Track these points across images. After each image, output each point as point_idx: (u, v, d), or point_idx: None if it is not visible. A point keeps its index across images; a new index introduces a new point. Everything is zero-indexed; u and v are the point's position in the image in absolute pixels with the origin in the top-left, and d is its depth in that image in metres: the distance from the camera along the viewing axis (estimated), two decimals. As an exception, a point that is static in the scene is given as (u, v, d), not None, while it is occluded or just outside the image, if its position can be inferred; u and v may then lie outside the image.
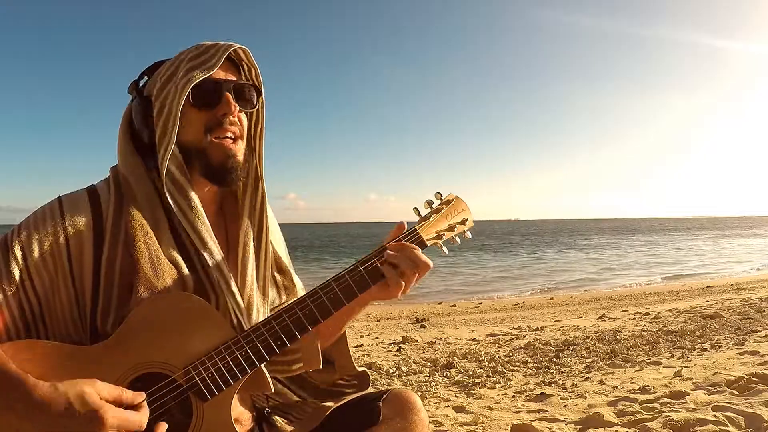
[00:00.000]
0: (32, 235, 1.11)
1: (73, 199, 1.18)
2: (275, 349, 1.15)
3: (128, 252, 1.14)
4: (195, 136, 1.22)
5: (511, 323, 7.41)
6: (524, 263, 24.76)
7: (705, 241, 41.45)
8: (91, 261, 1.13)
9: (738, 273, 17.43)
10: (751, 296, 8.77)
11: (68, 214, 1.14)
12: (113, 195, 1.19)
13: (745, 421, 2.59)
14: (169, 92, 1.20)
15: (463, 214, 1.32)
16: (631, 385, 3.55)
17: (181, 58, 1.23)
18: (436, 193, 1.32)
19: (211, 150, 1.22)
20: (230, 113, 1.22)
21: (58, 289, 1.12)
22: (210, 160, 1.22)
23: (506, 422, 2.87)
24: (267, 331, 1.15)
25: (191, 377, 1.10)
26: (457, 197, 1.33)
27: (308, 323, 1.16)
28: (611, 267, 21.69)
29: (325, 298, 1.17)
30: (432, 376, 4.14)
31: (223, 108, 1.22)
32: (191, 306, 1.13)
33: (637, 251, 31.88)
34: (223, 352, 1.12)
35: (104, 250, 1.14)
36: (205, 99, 1.21)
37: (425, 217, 1.29)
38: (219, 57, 1.21)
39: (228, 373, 1.11)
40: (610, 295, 11.56)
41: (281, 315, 1.16)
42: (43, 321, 1.12)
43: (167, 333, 1.11)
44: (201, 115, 1.22)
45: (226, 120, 1.22)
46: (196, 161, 1.22)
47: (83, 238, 1.14)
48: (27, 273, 1.09)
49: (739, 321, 6.06)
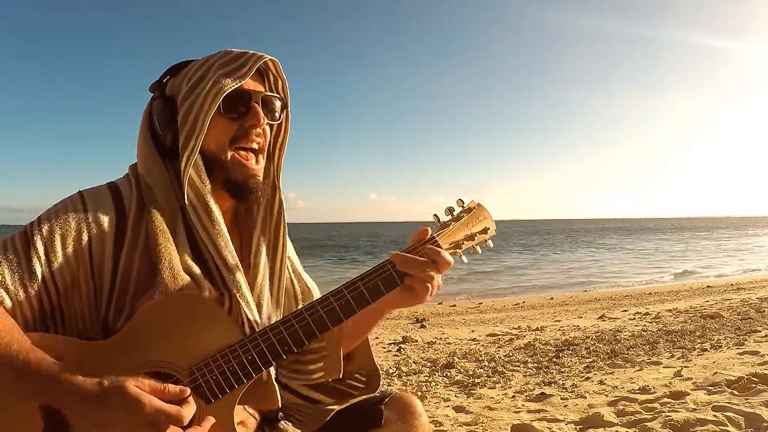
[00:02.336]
0: (54, 229, 1.10)
1: (96, 195, 1.17)
2: (282, 354, 1.13)
3: (148, 257, 1.13)
4: (218, 145, 1.20)
5: (511, 323, 7.41)
6: (582, 264, 24.15)
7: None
8: (111, 260, 1.13)
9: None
10: (751, 296, 8.77)
11: (91, 210, 1.13)
12: (135, 196, 1.18)
13: (745, 421, 2.59)
14: (198, 97, 1.18)
15: (485, 222, 1.28)
16: (631, 385, 3.55)
17: (210, 63, 1.21)
18: (457, 200, 1.29)
19: (233, 166, 1.21)
20: (258, 125, 1.21)
21: (78, 284, 1.11)
22: (231, 175, 1.21)
23: (506, 422, 2.87)
24: (274, 335, 1.13)
25: (195, 378, 1.09)
26: (479, 205, 1.29)
27: (317, 329, 1.14)
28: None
29: (336, 304, 1.15)
30: (432, 376, 4.14)
31: (251, 119, 1.21)
32: (199, 307, 1.12)
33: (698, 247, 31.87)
34: (229, 354, 1.10)
35: (123, 252, 1.13)
36: (234, 109, 1.20)
37: (445, 224, 1.26)
38: (251, 66, 1.19)
39: (232, 377, 1.10)
40: (610, 295, 11.56)
41: (290, 320, 1.14)
42: (61, 314, 1.12)
43: (173, 333, 1.10)
44: (228, 124, 1.20)
45: (253, 132, 1.21)
46: (219, 172, 1.21)
47: (105, 236, 1.13)
48: (48, 268, 1.08)
49: (739, 321, 6.06)
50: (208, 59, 1.22)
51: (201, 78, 1.19)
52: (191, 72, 1.22)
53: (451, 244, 1.24)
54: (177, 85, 1.22)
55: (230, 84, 1.16)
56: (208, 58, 1.23)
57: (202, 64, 1.22)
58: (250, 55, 1.21)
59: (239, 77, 1.18)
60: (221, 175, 1.20)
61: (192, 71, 1.22)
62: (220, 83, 1.17)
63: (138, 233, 1.15)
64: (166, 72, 1.25)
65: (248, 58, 1.20)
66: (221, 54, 1.22)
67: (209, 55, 1.24)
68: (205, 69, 1.20)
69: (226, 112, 1.19)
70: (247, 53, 1.22)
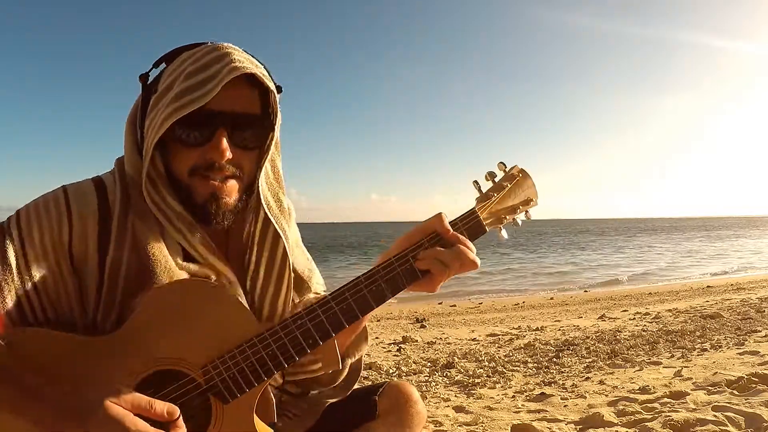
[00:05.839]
0: (32, 224, 1.03)
1: (79, 190, 1.08)
2: (306, 348, 1.03)
3: (137, 255, 1.06)
4: (178, 174, 1.08)
5: (511, 323, 7.40)
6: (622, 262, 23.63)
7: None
8: (96, 257, 1.06)
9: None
10: (751, 296, 8.76)
11: (74, 205, 1.06)
12: (119, 190, 1.09)
13: (745, 421, 2.59)
14: (157, 113, 1.04)
15: (528, 191, 1.16)
16: (631, 385, 3.55)
17: (183, 67, 1.06)
18: (499, 163, 1.16)
19: (194, 186, 1.07)
20: (220, 159, 1.05)
21: (62, 281, 1.05)
22: (193, 198, 1.08)
23: (506, 422, 2.87)
24: (297, 327, 1.03)
25: (211, 377, 1.00)
26: (523, 171, 1.17)
27: (345, 320, 1.05)
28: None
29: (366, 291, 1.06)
30: (432, 376, 4.13)
31: (211, 150, 1.05)
32: (211, 294, 1.02)
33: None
34: (247, 350, 1.01)
35: (110, 249, 1.06)
36: (191, 134, 1.04)
37: (486, 195, 1.14)
38: (216, 84, 1.01)
39: (252, 374, 1.01)
40: (610, 295, 11.55)
41: (315, 310, 1.05)
42: (48, 310, 1.05)
43: (184, 325, 1.00)
44: (187, 153, 1.06)
45: (215, 165, 1.06)
46: (182, 195, 1.09)
47: (88, 232, 1.05)
48: (25, 263, 1.02)
49: (739, 321, 6.06)
50: (190, 55, 1.07)
51: (170, 85, 1.05)
52: (170, 69, 1.08)
53: (491, 217, 1.14)
54: (159, 80, 1.10)
55: (183, 110, 1.00)
56: (191, 53, 1.08)
57: (183, 60, 1.07)
58: (220, 68, 1.02)
59: (201, 96, 1.00)
60: (184, 198, 1.09)
61: (171, 69, 1.08)
62: (176, 103, 1.01)
63: (124, 230, 1.07)
64: (161, 58, 1.12)
65: (218, 71, 1.02)
66: (194, 56, 1.06)
67: (186, 51, 1.09)
68: (179, 72, 1.06)
69: (184, 136, 1.04)
70: (221, 62, 1.03)
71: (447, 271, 1.07)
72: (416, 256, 1.08)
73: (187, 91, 1.01)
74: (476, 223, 1.12)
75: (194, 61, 1.05)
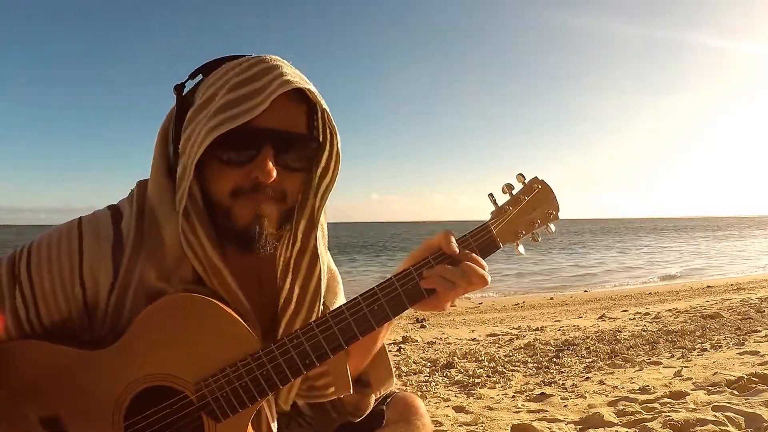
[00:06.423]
0: (42, 271, 0.99)
1: (95, 226, 1.03)
2: (302, 368, 0.99)
3: (143, 293, 1.00)
4: (218, 195, 1.00)
5: (511, 323, 7.40)
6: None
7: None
8: (107, 294, 1.01)
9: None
10: (751, 296, 8.76)
11: (86, 246, 1.00)
12: (134, 222, 1.03)
13: (745, 421, 2.59)
14: (197, 125, 0.96)
15: (549, 204, 1.09)
16: (631, 385, 3.55)
17: (226, 78, 0.98)
18: (518, 175, 1.09)
19: (236, 209, 0.99)
20: (265, 179, 0.96)
21: (70, 322, 1.03)
22: (233, 222, 0.99)
23: (506, 422, 2.87)
24: (294, 347, 0.99)
25: (203, 395, 0.97)
26: (543, 183, 1.10)
27: (344, 340, 1.00)
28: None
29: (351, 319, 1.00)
30: (432, 376, 4.13)
31: (257, 170, 0.96)
32: (207, 310, 0.98)
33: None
34: (241, 369, 0.97)
35: (114, 292, 1.01)
36: (234, 152, 0.96)
37: (502, 210, 1.07)
38: (266, 97, 0.93)
39: (245, 394, 0.98)
40: (610, 295, 11.55)
41: (312, 329, 1.00)
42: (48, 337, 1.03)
43: (180, 341, 0.97)
44: (228, 172, 0.97)
45: (260, 186, 0.97)
46: (219, 217, 1.01)
47: (100, 278, 1.00)
48: (35, 311, 1.00)
49: (739, 321, 6.06)
50: (233, 66, 0.99)
51: (211, 97, 0.97)
52: (211, 80, 1.00)
53: (507, 232, 1.07)
54: (199, 92, 1.02)
55: (229, 122, 0.92)
56: (235, 64, 0.99)
57: (225, 71, 0.99)
58: (269, 80, 0.94)
59: (247, 111, 0.92)
60: (222, 222, 1.01)
61: (213, 80, 1.00)
62: (218, 117, 0.93)
63: (132, 273, 1.00)
64: (199, 69, 1.04)
65: (267, 84, 0.94)
66: (245, 65, 0.98)
67: (229, 62, 1.01)
68: (221, 83, 0.97)
69: (225, 154, 0.96)
70: (271, 74, 0.95)
71: (454, 289, 1.01)
72: (421, 275, 1.02)
73: (232, 103, 0.94)
74: (489, 239, 1.05)
75: (240, 72, 0.97)
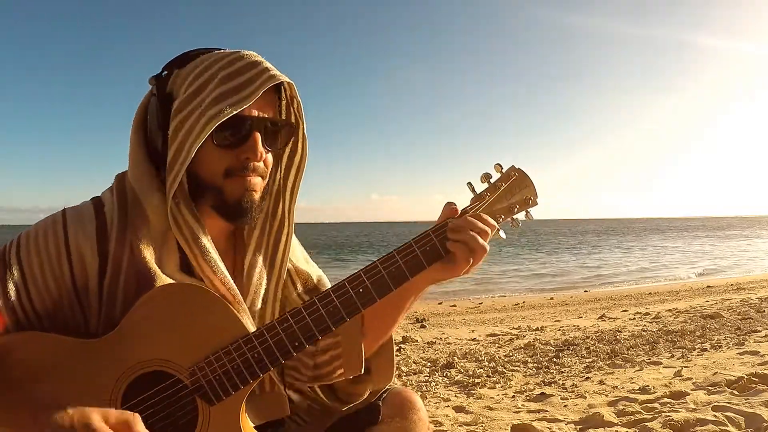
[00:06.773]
0: (32, 257, 1.04)
1: (78, 213, 1.09)
2: (291, 350, 1.04)
3: (134, 273, 1.06)
4: (210, 173, 1.10)
5: (511, 323, 7.41)
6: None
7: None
8: (96, 280, 1.06)
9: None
10: (751, 296, 8.77)
11: (72, 232, 1.06)
12: (116, 211, 1.08)
13: (745, 421, 2.59)
14: (191, 114, 1.05)
15: (527, 191, 1.15)
16: (631, 385, 3.55)
17: (212, 72, 1.08)
18: (495, 164, 1.15)
19: (228, 186, 1.10)
20: (255, 159, 1.09)
21: (64, 308, 1.06)
22: (225, 197, 1.10)
23: (506, 422, 2.87)
24: (283, 330, 1.04)
25: (197, 378, 1.02)
26: (520, 171, 1.15)
27: (331, 322, 1.05)
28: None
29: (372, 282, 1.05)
30: (432, 376, 4.13)
31: (247, 151, 1.09)
32: (199, 298, 1.04)
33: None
34: (233, 352, 1.02)
35: (107, 277, 1.06)
36: (229, 138, 1.08)
37: (480, 196, 1.14)
38: (256, 89, 1.06)
39: (237, 376, 1.02)
40: (610, 295, 11.55)
41: (300, 312, 1.05)
42: (43, 325, 1.07)
43: (172, 328, 1.02)
44: (221, 153, 1.08)
45: (250, 164, 1.09)
46: (209, 195, 1.11)
47: (87, 261, 1.06)
48: (27, 296, 1.04)
49: (739, 321, 6.06)
50: (210, 64, 1.09)
51: (200, 88, 1.07)
52: (194, 73, 1.09)
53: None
54: (178, 83, 1.10)
55: (227, 111, 1.03)
56: (212, 61, 1.09)
57: (208, 66, 1.09)
58: (258, 73, 1.07)
59: (240, 101, 1.05)
60: (213, 198, 1.11)
61: (195, 72, 1.09)
62: (216, 107, 1.04)
63: (121, 256, 1.06)
64: (171, 62, 1.12)
65: (254, 77, 1.07)
66: (226, 59, 1.08)
67: (216, 54, 1.11)
68: (207, 76, 1.07)
69: (220, 139, 1.07)
70: (256, 68, 1.08)
71: (471, 243, 1.07)
72: (440, 234, 1.09)
73: (227, 94, 1.05)
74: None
75: (225, 65, 1.08)
